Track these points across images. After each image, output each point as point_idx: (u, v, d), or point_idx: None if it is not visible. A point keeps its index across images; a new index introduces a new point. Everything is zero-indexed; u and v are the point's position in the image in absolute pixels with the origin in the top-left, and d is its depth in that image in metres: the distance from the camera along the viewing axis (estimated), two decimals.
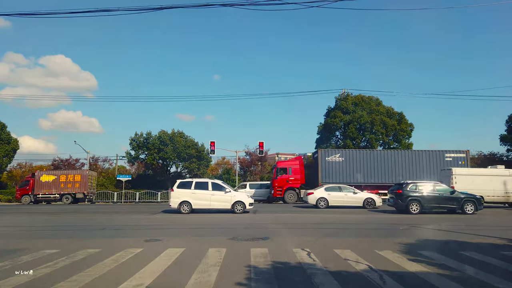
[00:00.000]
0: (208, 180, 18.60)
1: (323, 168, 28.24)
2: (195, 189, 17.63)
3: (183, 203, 17.55)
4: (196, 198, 17.55)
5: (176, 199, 17.64)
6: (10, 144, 35.75)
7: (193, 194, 17.57)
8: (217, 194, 17.64)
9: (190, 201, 17.51)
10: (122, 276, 5.64)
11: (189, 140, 36.45)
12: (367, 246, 8.57)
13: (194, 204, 17.53)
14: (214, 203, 17.61)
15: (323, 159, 28.29)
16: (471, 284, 5.46)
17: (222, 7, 10.51)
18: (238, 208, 17.59)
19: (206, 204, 17.63)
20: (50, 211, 21.71)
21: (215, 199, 17.59)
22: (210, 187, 17.72)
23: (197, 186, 17.75)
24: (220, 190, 17.80)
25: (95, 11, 10.60)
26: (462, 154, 28.24)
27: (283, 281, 5.50)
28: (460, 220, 15.00)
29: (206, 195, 17.58)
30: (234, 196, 17.85)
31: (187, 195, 17.58)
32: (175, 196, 17.72)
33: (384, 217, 16.47)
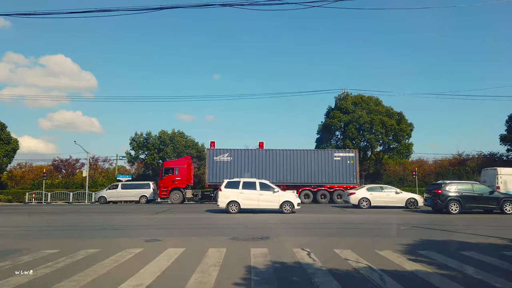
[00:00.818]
0: (256, 180, 18.48)
1: (210, 167, 27.84)
2: (243, 189, 17.56)
3: (231, 203, 17.50)
4: (244, 198, 17.48)
5: (224, 199, 17.56)
6: (10, 144, 35.74)
7: (241, 194, 17.51)
8: (265, 194, 17.54)
9: (238, 201, 17.47)
10: (122, 276, 5.64)
11: (189, 140, 36.47)
12: (367, 246, 8.57)
13: (242, 204, 17.48)
14: (262, 203, 17.51)
15: (211, 159, 27.95)
16: (471, 284, 5.46)
17: (222, 7, 10.52)
18: (287, 208, 17.45)
19: (254, 204, 17.53)
20: (50, 211, 21.71)
21: (263, 199, 17.49)
22: (258, 187, 17.63)
23: (244, 186, 17.67)
24: (268, 190, 17.71)
25: (95, 11, 10.60)
26: (351, 153, 28.20)
27: (283, 281, 5.50)
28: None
29: (254, 195, 17.50)
30: (283, 196, 17.77)
31: (235, 195, 17.51)
32: (223, 196, 17.61)
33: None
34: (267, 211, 18.04)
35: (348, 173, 27.56)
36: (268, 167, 27.86)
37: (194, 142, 36.59)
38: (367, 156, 34.46)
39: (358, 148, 32.68)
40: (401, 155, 33.67)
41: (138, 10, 11.16)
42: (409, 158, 35.81)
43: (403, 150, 32.84)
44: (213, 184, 27.65)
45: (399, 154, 33.47)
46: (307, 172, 27.59)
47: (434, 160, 41.50)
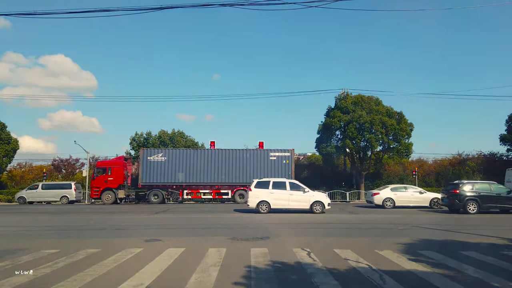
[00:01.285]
0: (286, 180, 18.48)
1: (144, 167, 27.72)
2: (273, 189, 17.57)
3: (261, 202, 17.49)
4: (275, 198, 17.48)
5: (254, 199, 17.56)
6: (10, 144, 35.72)
7: (271, 194, 17.51)
8: (296, 194, 17.53)
9: (268, 201, 17.46)
10: (122, 276, 5.65)
11: (189, 140, 36.48)
12: (367, 246, 8.57)
13: (272, 204, 17.47)
14: (292, 203, 17.51)
15: (145, 159, 27.83)
16: (471, 283, 5.46)
17: (222, 7, 10.51)
18: (317, 208, 17.44)
19: (285, 204, 17.53)
20: (50, 211, 21.71)
21: (293, 199, 17.48)
22: (288, 187, 17.62)
23: (274, 186, 17.68)
24: (298, 190, 17.69)
25: (95, 11, 10.59)
26: (286, 153, 28.18)
27: (283, 280, 5.50)
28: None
29: (284, 194, 17.49)
30: (313, 196, 17.74)
31: (265, 194, 17.50)
32: (253, 195, 17.61)
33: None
34: (297, 211, 17.99)
35: (284, 173, 27.49)
36: (203, 167, 27.73)
37: (194, 142, 36.60)
38: (367, 156, 34.42)
39: (358, 147, 32.67)
40: (401, 155, 33.60)
41: (138, 10, 11.16)
42: (409, 158, 35.78)
43: (403, 150, 32.76)
44: (146, 184, 27.52)
45: (399, 154, 33.39)
46: (242, 172, 27.49)
47: (434, 160, 41.59)
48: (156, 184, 27.60)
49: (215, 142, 32.68)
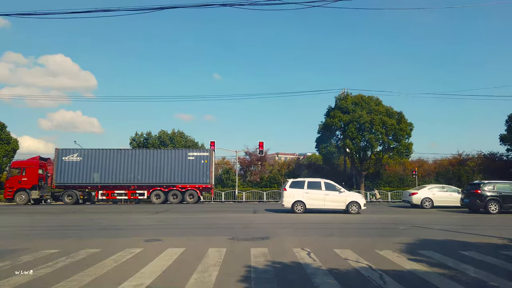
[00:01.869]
0: (321, 180, 18.37)
1: (58, 168, 27.41)
2: (308, 189, 17.51)
3: (296, 202, 17.43)
4: (310, 198, 17.41)
5: (289, 199, 17.50)
6: (10, 144, 35.69)
7: (307, 194, 17.45)
8: (331, 194, 17.47)
9: (303, 201, 17.41)
10: (122, 276, 5.65)
11: (189, 140, 36.46)
12: (367, 245, 8.57)
13: (308, 204, 17.42)
14: (328, 203, 17.44)
15: (60, 159, 27.51)
16: (471, 283, 5.46)
17: (222, 7, 10.52)
18: (353, 209, 17.35)
19: (320, 204, 17.46)
20: (50, 211, 21.70)
21: (329, 199, 17.42)
22: (323, 187, 17.56)
23: (309, 186, 17.62)
24: (334, 190, 17.63)
25: (95, 11, 10.60)
26: (205, 153, 28.08)
27: (283, 280, 5.50)
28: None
29: (320, 195, 17.43)
30: (349, 196, 17.70)
31: (300, 194, 17.44)
32: (288, 195, 17.54)
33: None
34: (332, 211, 17.96)
35: (202, 173, 27.39)
36: (119, 167, 27.49)
37: (194, 142, 36.59)
38: (367, 156, 34.44)
39: (358, 147, 32.66)
40: (401, 155, 33.60)
41: (138, 10, 11.16)
42: (409, 158, 35.78)
43: (403, 150, 32.76)
44: (61, 184, 27.32)
45: (399, 154, 33.39)
46: (159, 172, 27.31)
47: (434, 160, 41.59)
48: (71, 185, 27.38)
49: (215, 142, 32.75)
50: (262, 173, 39.50)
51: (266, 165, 40.88)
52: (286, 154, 62.05)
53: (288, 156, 59.96)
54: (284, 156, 59.90)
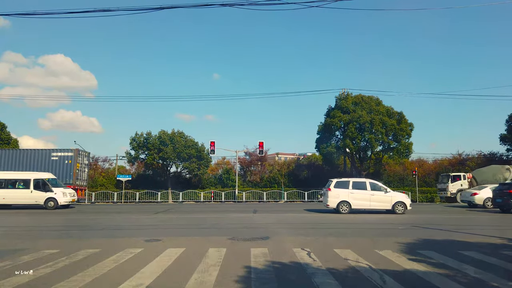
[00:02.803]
0: (366, 180, 18.46)
1: None
2: (353, 189, 17.53)
3: (342, 203, 17.46)
4: (355, 198, 17.45)
5: (334, 199, 17.53)
6: (10, 144, 35.72)
7: (352, 194, 17.47)
8: (377, 194, 17.48)
9: (349, 201, 17.42)
10: (122, 276, 5.64)
11: (189, 140, 36.40)
12: (367, 245, 8.57)
13: (353, 205, 17.43)
14: (373, 204, 17.45)
15: None
16: (471, 283, 5.46)
17: (222, 7, 10.51)
18: (399, 209, 17.33)
19: (366, 205, 17.48)
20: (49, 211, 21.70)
21: (374, 199, 17.41)
22: (369, 187, 17.57)
23: (354, 186, 17.66)
24: (379, 190, 17.64)
25: (94, 11, 10.59)
26: (69, 153, 27.99)
27: (283, 280, 5.50)
28: None
29: (365, 195, 17.43)
30: (395, 196, 17.69)
31: (346, 194, 17.46)
32: (333, 195, 17.57)
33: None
34: (377, 212, 17.98)
35: (65, 173, 27.34)
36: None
37: (194, 142, 36.53)
38: (367, 156, 34.44)
39: (358, 147, 32.64)
40: (401, 155, 33.61)
41: (138, 10, 11.16)
42: (409, 158, 35.79)
43: (403, 150, 32.77)
44: None
45: (399, 154, 33.40)
46: (25, 170, 26.73)
47: (434, 160, 41.59)
48: None
49: (215, 142, 32.75)
50: (262, 173, 39.51)
51: (266, 165, 40.89)
52: (286, 154, 62.03)
53: (288, 156, 59.95)
54: (284, 156, 59.88)
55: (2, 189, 22.55)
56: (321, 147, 35.26)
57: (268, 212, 19.40)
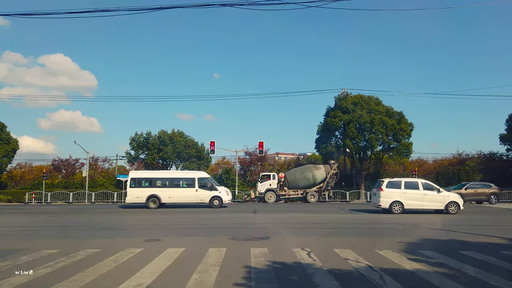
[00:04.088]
0: (418, 180, 18.38)
1: None
2: (405, 189, 17.50)
3: (394, 203, 17.44)
4: (408, 198, 17.40)
5: (387, 199, 17.50)
6: (10, 144, 35.69)
7: (404, 194, 17.43)
8: (430, 194, 17.40)
9: (401, 201, 17.41)
10: (122, 276, 5.64)
11: (189, 140, 36.42)
12: (367, 245, 8.57)
13: (406, 205, 17.41)
14: (426, 203, 17.39)
15: None
16: (471, 283, 5.46)
17: (222, 7, 10.50)
18: (452, 209, 17.30)
19: (418, 205, 17.43)
20: (50, 211, 21.71)
21: (427, 199, 17.35)
22: (421, 187, 17.50)
23: (406, 186, 17.62)
24: (432, 189, 17.56)
25: (94, 11, 10.59)
26: None
27: (283, 280, 5.50)
28: None
29: (418, 195, 17.35)
30: (448, 196, 17.63)
31: (398, 195, 17.45)
32: (385, 196, 17.55)
33: None
34: (430, 212, 17.95)
35: None
36: None
37: (193, 142, 36.55)
38: (367, 155, 34.41)
39: (358, 147, 32.59)
40: (401, 154, 33.58)
41: (138, 10, 11.15)
42: (409, 157, 35.77)
43: (403, 150, 32.74)
44: None
45: (399, 153, 33.37)
46: None
47: (434, 160, 41.61)
48: None
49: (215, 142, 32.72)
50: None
51: (266, 165, 40.88)
52: (286, 154, 62.04)
53: (288, 156, 59.95)
54: (284, 156, 59.88)
55: (167, 188, 22.89)
56: (321, 147, 35.23)
57: (268, 212, 19.39)
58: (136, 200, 22.40)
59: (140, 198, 22.25)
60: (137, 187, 22.60)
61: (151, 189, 22.56)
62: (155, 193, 22.32)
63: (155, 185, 22.89)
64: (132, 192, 22.43)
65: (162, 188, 22.82)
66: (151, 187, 22.75)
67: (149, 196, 22.15)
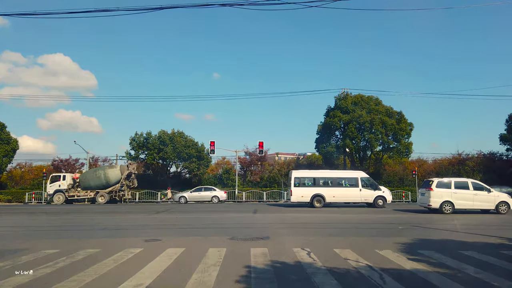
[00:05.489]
0: (468, 180, 18.47)
1: None
2: (455, 189, 17.55)
3: (445, 202, 17.49)
4: (458, 198, 17.45)
5: (437, 199, 17.55)
6: (10, 144, 35.67)
7: (455, 194, 17.48)
8: (480, 194, 17.48)
9: (452, 201, 17.45)
10: (122, 276, 5.65)
11: (189, 140, 36.40)
12: (367, 245, 8.57)
13: (456, 204, 17.46)
14: (477, 203, 17.47)
15: None
16: (471, 283, 5.46)
17: (222, 7, 10.50)
18: (503, 209, 17.39)
19: (469, 205, 17.49)
20: (50, 211, 21.70)
21: (478, 199, 17.42)
22: (471, 186, 17.57)
23: (456, 185, 17.67)
24: (482, 189, 17.63)
25: (94, 11, 10.59)
26: None
27: (283, 280, 5.50)
28: None
29: (468, 194, 17.43)
30: (498, 196, 17.69)
31: (448, 194, 17.51)
32: (435, 195, 17.59)
33: None
34: (480, 212, 17.98)
35: None
36: None
37: (193, 142, 36.51)
38: (367, 155, 34.44)
39: (358, 147, 32.60)
40: (401, 154, 33.60)
41: (138, 10, 11.15)
42: (408, 157, 35.79)
43: (402, 150, 32.76)
44: None
45: (398, 153, 33.39)
46: None
47: (433, 160, 41.56)
48: None
49: (215, 142, 32.71)
50: (262, 173, 39.50)
51: (266, 165, 40.88)
52: (286, 154, 62.05)
53: (288, 156, 59.96)
54: (284, 156, 59.88)
55: (331, 188, 23.04)
56: (321, 147, 35.26)
57: (268, 212, 19.39)
58: (301, 199, 22.75)
59: (305, 197, 22.61)
60: (301, 187, 22.92)
61: (315, 189, 22.87)
62: (320, 192, 22.58)
63: (318, 185, 23.15)
64: (296, 191, 22.76)
65: (327, 188, 23.01)
66: (314, 187, 22.95)
67: (314, 195, 22.50)
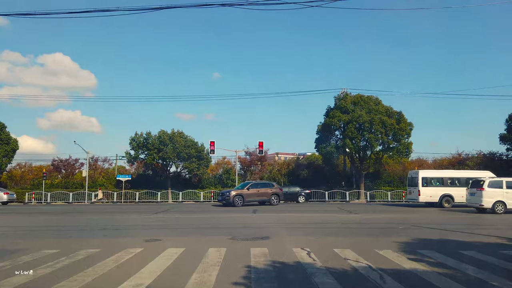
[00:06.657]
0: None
1: None
2: (507, 188, 17.54)
3: (497, 202, 17.48)
4: (510, 198, 17.49)
5: (489, 199, 17.53)
6: (10, 144, 35.65)
7: (506, 194, 17.48)
8: None
9: (504, 201, 17.46)
10: (122, 276, 5.65)
11: (189, 140, 36.37)
12: (367, 245, 8.57)
13: (508, 204, 17.48)
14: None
15: None
16: (471, 283, 5.46)
17: (222, 7, 10.50)
18: None
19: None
20: (50, 211, 21.70)
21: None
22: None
23: (508, 185, 17.66)
24: None
25: (94, 11, 10.59)
26: None
27: (283, 280, 5.50)
28: None
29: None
30: None
31: (500, 194, 17.51)
32: (487, 195, 17.57)
33: None
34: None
35: None
36: None
37: (193, 142, 36.49)
38: (366, 155, 34.40)
39: (357, 147, 32.57)
40: (401, 154, 33.55)
41: (137, 10, 11.15)
42: (408, 157, 35.73)
43: (402, 150, 32.72)
44: None
45: (398, 153, 33.34)
46: None
47: (433, 160, 41.56)
48: None
49: (215, 142, 32.72)
50: (262, 173, 39.50)
51: (266, 165, 40.89)
52: (286, 154, 62.09)
53: (288, 156, 59.95)
54: (284, 156, 59.89)
55: (459, 187, 22.47)
56: (321, 147, 35.25)
57: (268, 212, 19.38)
58: (429, 199, 22.79)
59: (433, 197, 22.67)
60: (428, 186, 22.83)
61: (444, 188, 22.84)
62: (449, 192, 22.52)
63: (446, 184, 23.09)
64: (425, 191, 22.77)
65: (455, 188, 22.81)
66: (442, 186, 22.93)
67: (442, 195, 22.52)
